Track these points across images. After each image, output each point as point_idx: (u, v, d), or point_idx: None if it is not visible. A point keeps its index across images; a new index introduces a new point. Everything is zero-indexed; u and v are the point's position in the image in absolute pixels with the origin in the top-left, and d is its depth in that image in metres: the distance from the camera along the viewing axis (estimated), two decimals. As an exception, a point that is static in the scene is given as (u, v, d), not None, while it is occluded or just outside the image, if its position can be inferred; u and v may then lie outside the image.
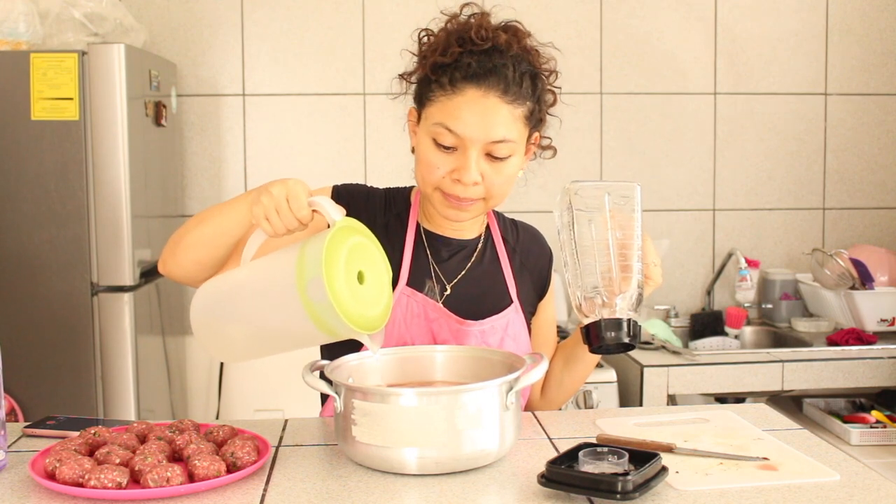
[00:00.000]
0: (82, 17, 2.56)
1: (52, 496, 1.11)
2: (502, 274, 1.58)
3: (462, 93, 1.42)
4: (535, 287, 1.62)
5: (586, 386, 2.54)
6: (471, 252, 1.57)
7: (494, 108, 1.41)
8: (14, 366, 2.21)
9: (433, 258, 1.55)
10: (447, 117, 1.42)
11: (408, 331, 1.49)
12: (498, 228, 1.62)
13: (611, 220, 1.32)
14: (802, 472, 1.19)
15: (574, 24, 3.16)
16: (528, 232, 1.67)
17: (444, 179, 1.44)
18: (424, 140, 1.46)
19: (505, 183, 1.47)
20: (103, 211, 2.40)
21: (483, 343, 1.50)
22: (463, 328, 1.50)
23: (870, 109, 3.28)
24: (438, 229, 1.57)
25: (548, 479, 1.09)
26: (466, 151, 1.41)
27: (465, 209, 1.46)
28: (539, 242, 1.67)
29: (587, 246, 1.33)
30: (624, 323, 1.32)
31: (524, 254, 1.62)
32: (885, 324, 2.90)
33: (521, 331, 1.56)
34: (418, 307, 1.50)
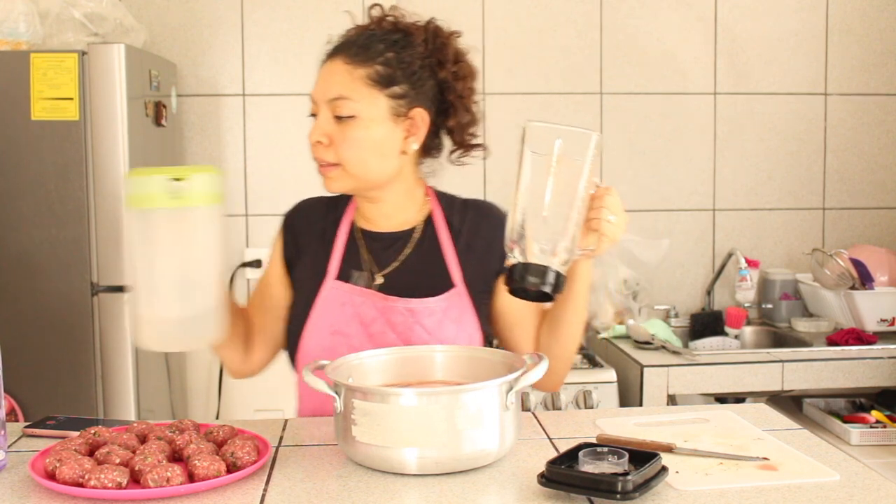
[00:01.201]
0: (82, 17, 2.56)
1: (52, 496, 1.11)
2: (443, 258, 1.57)
3: (322, 66, 1.56)
4: (489, 262, 1.58)
5: (586, 386, 2.54)
6: (405, 242, 1.59)
7: (336, 70, 1.53)
8: (14, 366, 2.21)
9: (365, 252, 1.58)
10: (314, 88, 1.54)
11: (333, 317, 1.52)
12: (442, 213, 1.62)
13: (556, 165, 1.29)
14: (802, 472, 1.19)
15: (574, 24, 3.16)
16: (479, 209, 1.64)
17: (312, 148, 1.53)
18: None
19: (358, 148, 1.50)
20: (103, 211, 2.40)
21: (417, 324, 1.50)
22: (388, 304, 1.51)
23: (870, 109, 3.28)
24: (373, 226, 1.60)
25: (548, 479, 1.09)
26: (319, 114, 1.52)
27: (327, 175, 1.52)
28: (491, 216, 1.62)
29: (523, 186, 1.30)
30: (550, 273, 1.27)
31: (471, 234, 1.59)
32: (885, 324, 2.90)
33: (466, 313, 1.53)
34: (345, 296, 1.53)
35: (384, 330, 1.50)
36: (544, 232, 1.29)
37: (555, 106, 3.17)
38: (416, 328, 1.50)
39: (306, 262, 1.60)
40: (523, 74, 3.15)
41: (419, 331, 1.50)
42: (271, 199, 3.12)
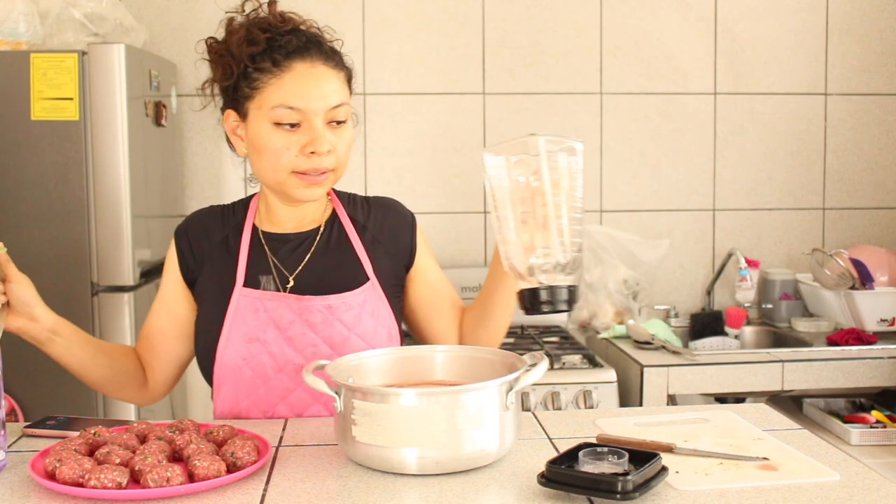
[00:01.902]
0: (82, 17, 2.56)
1: (52, 496, 1.11)
2: (353, 253, 1.58)
3: (290, 69, 1.46)
4: (397, 257, 1.61)
5: (586, 386, 2.54)
6: (312, 242, 1.58)
7: (325, 75, 1.48)
8: (14, 366, 2.21)
9: (272, 255, 1.57)
10: (284, 96, 1.45)
11: (247, 326, 1.51)
12: (345, 210, 1.62)
13: (514, 181, 1.25)
14: (802, 472, 1.19)
15: (574, 24, 3.16)
16: (382, 205, 1.65)
17: (297, 159, 1.46)
18: (264, 129, 1.47)
19: (348, 149, 1.52)
20: (103, 211, 2.40)
21: (336, 320, 1.50)
22: (304, 303, 1.50)
23: (870, 109, 3.28)
24: (276, 227, 1.59)
25: (548, 479, 1.09)
26: (312, 123, 1.45)
27: (320, 184, 1.49)
28: (395, 211, 1.65)
29: (501, 214, 1.26)
30: (560, 292, 1.23)
31: (377, 228, 1.61)
32: (885, 324, 2.90)
33: (382, 307, 1.55)
34: (256, 303, 1.52)
35: (303, 331, 1.50)
36: (536, 249, 1.24)
37: (555, 106, 3.17)
38: (336, 324, 1.50)
39: (209, 274, 1.58)
40: (523, 74, 3.16)
41: (339, 327, 1.50)
42: (271, 199, 3.12)
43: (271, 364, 1.50)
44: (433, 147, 3.16)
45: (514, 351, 1.51)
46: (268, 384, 1.51)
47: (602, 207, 3.20)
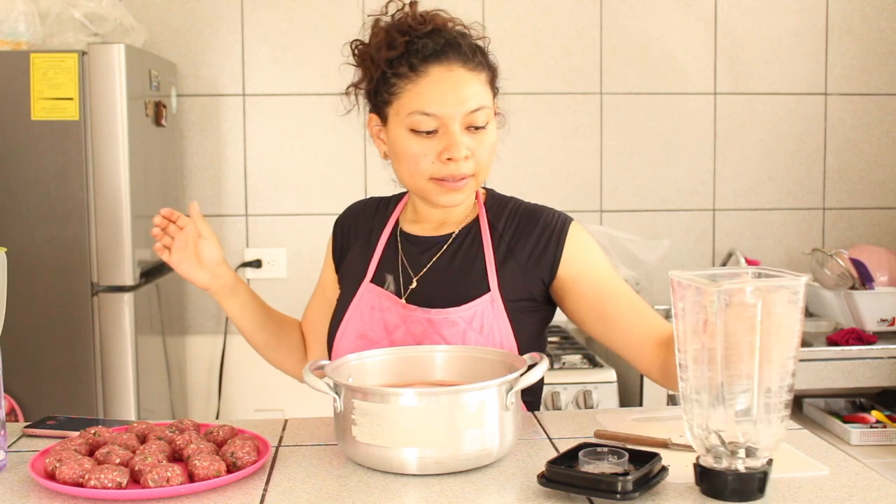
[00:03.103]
0: (82, 17, 2.56)
1: (52, 496, 1.11)
2: (481, 263, 1.50)
3: (426, 74, 1.43)
4: (534, 271, 1.50)
5: (586, 386, 2.54)
6: (441, 247, 1.55)
7: (463, 79, 1.44)
8: (14, 366, 2.21)
9: (404, 256, 1.56)
10: (421, 102, 1.43)
11: (363, 323, 1.52)
12: (486, 217, 1.55)
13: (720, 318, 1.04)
14: (792, 466, 1.19)
15: (574, 24, 3.16)
16: (530, 213, 1.55)
17: (434, 165, 1.44)
18: (402, 135, 1.46)
19: (490, 153, 1.49)
20: (103, 211, 2.40)
21: (436, 334, 1.47)
22: (408, 312, 1.49)
23: (870, 109, 3.28)
24: (417, 229, 1.58)
25: (548, 479, 1.09)
26: (449, 129, 1.43)
27: (460, 190, 1.46)
28: (542, 220, 1.53)
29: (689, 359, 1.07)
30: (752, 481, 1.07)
31: (514, 238, 1.51)
32: (885, 324, 2.90)
33: (498, 323, 1.46)
34: (375, 300, 1.52)
35: (405, 338, 1.48)
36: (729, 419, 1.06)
37: (555, 106, 3.17)
38: (436, 338, 1.46)
39: (348, 264, 1.62)
40: (523, 74, 3.15)
41: (439, 341, 1.46)
42: (271, 199, 3.12)
43: None
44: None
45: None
46: None
47: (602, 207, 3.20)
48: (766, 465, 1.07)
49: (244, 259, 3.12)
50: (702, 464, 1.09)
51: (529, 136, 3.16)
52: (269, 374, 3.13)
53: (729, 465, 1.07)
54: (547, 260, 1.50)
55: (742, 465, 1.06)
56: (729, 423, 1.06)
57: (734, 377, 1.05)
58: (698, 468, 1.10)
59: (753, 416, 1.05)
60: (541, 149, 3.17)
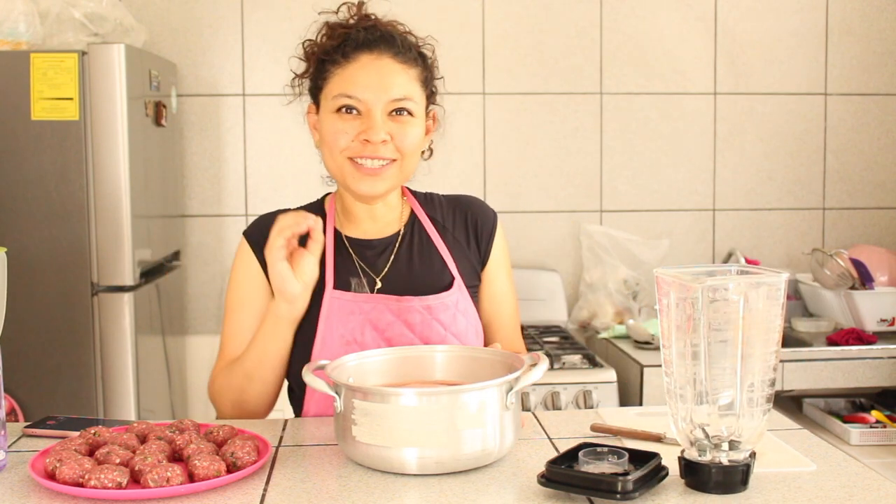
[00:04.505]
0: (82, 17, 2.56)
1: (52, 496, 1.11)
2: (438, 254, 1.58)
3: (356, 60, 1.49)
4: (474, 255, 1.60)
5: (586, 386, 2.54)
6: (396, 245, 1.58)
7: (389, 68, 1.49)
8: (14, 366, 2.21)
9: (359, 259, 1.56)
10: (345, 86, 1.48)
11: (343, 328, 1.49)
12: (424, 212, 1.62)
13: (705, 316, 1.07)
14: (780, 461, 1.20)
15: (574, 24, 3.16)
16: (462, 203, 1.65)
17: (353, 144, 1.48)
18: (328, 118, 1.50)
19: (413, 145, 1.51)
20: (103, 211, 2.40)
21: (434, 320, 1.50)
22: (404, 305, 1.50)
23: (870, 109, 3.28)
24: (358, 232, 1.59)
25: (548, 479, 1.09)
26: (371, 113, 1.47)
27: (378, 175, 1.48)
28: (474, 209, 1.63)
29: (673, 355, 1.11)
30: (735, 474, 1.09)
31: (456, 228, 1.61)
32: (885, 324, 2.90)
33: (470, 307, 1.56)
34: (350, 305, 1.51)
35: (402, 332, 1.49)
36: (712, 411, 1.09)
37: (555, 106, 3.17)
38: (434, 324, 1.50)
39: None
40: (523, 74, 3.15)
41: (436, 327, 1.50)
42: (271, 199, 3.12)
43: None
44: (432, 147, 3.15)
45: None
46: None
47: (602, 207, 3.20)
48: (749, 457, 1.09)
49: (244, 259, 3.11)
50: (686, 457, 1.11)
51: (529, 136, 3.16)
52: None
53: (713, 459, 1.09)
54: (482, 248, 1.60)
55: (725, 458, 1.08)
56: (713, 418, 1.08)
57: (718, 372, 1.07)
58: (683, 461, 1.11)
59: (736, 410, 1.08)
60: (541, 149, 3.17)
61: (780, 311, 1.08)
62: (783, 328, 1.11)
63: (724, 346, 1.07)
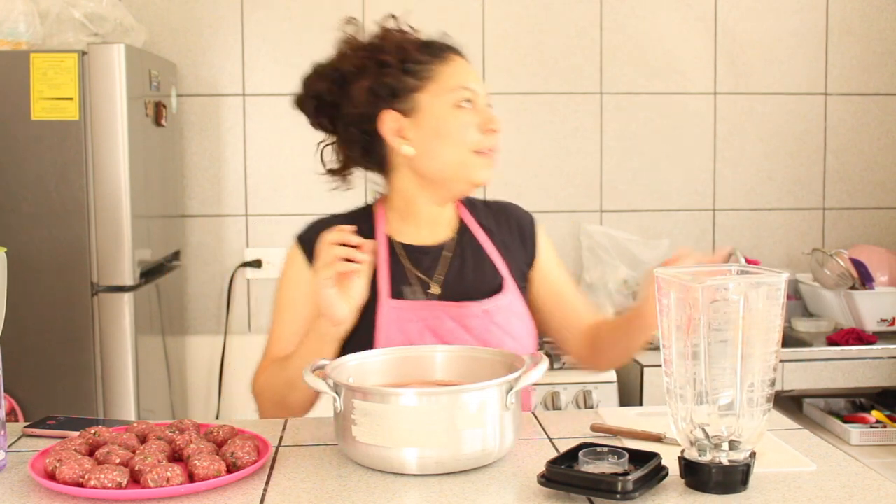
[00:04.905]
0: (82, 17, 2.56)
1: (52, 496, 1.11)
2: (489, 259, 1.60)
3: (451, 59, 1.55)
4: (521, 258, 1.64)
5: (586, 386, 2.54)
6: (449, 250, 1.59)
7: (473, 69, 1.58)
8: (14, 366, 2.20)
9: (413, 266, 1.57)
10: (460, 79, 1.52)
11: (402, 336, 1.50)
12: (472, 217, 1.64)
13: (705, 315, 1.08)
14: (780, 461, 1.20)
15: (574, 24, 3.16)
16: (502, 208, 1.69)
17: (478, 137, 1.51)
18: (446, 112, 1.51)
19: None
20: (103, 211, 2.40)
21: (492, 324, 1.51)
22: (463, 310, 1.51)
23: (870, 109, 3.28)
24: (412, 238, 1.59)
25: (548, 479, 1.09)
26: (482, 104, 1.53)
27: (493, 165, 1.54)
28: (516, 214, 1.69)
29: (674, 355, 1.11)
30: (735, 474, 1.08)
31: (503, 232, 1.64)
32: (885, 324, 2.90)
33: (523, 310, 1.59)
34: (408, 313, 1.51)
35: (462, 337, 1.50)
36: (712, 411, 1.09)
37: (555, 106, 3.17)
38: (492, 328, 1.51)
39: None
40: (523, 74, 3.15)
41: (495, 330, 1.51)
42: (271, 199, 3.12)
43: None
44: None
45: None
46: None
47: (602, 207, 3.20)
48: (749, 457, 1.09)
49: (244, 259, 3.11)
50: (686, 457, 1.11)
51: (529, 136, 3.16)
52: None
53: (713, 459, 1.09)
54: (529, 249, 1.65)
55: (725, 458, 1.08)
56: (713, 418, 1.08)
57: (718, 372, 1.08)
58: (683, 461, 1.11)
59: (736, 410, 1.08)
60: (541, 149, 3.17)
61: (780, 311, 1.08)
62: (783, 328, 1.11)
63: (724, 346, 1.07)
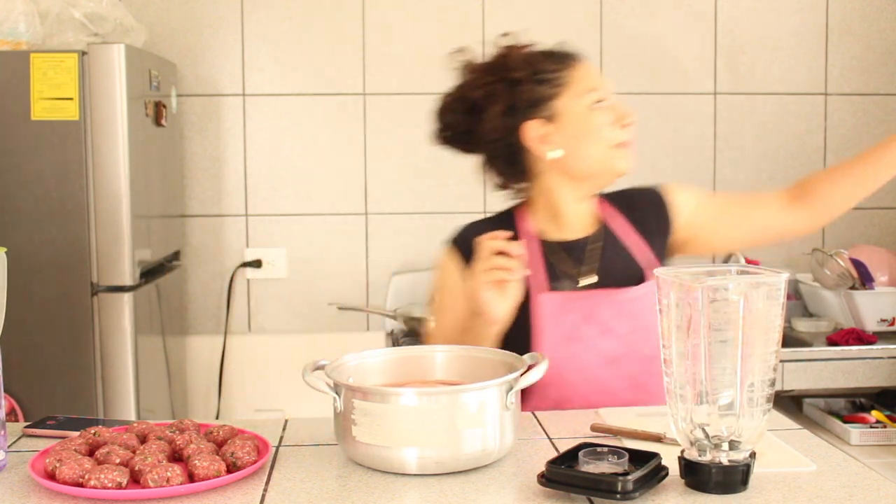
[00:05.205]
0: (82, 17, 2.56)
1: (52, 496, 1.11)
2: (632, 247, 1.67)
3: (577, 65, 1.64)
4: (662, 234, 1.69)
5: (586, 386, 2.54)
6: (596, 242, 1.66)
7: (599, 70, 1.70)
8: (14, 366, 2.20)
9: (563, 260, 1.64)
10: (590, 81, 1.62)
11: (564, 327, 1.57)
12: (610, 208, 1.71)
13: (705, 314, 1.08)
14: (780, 461, 1.20)
15: (574, 24, 3.16)
16: (628, 194, 1.74)
17: (617, 131, 1.61)
18: (584, 114, 1.60)
19: None
20: (103, 211, 2.40)
21: (647, 309, 1.54)
22: (621, 296, 1.58)
23: (870, 109, 3.28)
24: (560, 235, 1.67)
25: (548, 479, 1.09)
26: (610, 102, 1.62)
27: (628, 155, 1.62)
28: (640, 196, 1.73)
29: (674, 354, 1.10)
30: (735, 473, 1.09)
31: (637, 218, 1.70)
32: (885, 324, 2.90)
33: None
34: (566, 304, 1.58)
35: (621, 322, 1.57)
36: (713, 412, 1.09)
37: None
38: (648, 313, 1.56)
39: None
40: (523, 74, 3.15)
41: (649, 315, 1.54)
42: (271, 199, 3.12)
43: (596, 360, 1.56)
44: (433, 147, 3.15)
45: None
46: (593, 380, 1.56)
47: (602, 207, 3.20)
48: (749, 457, 1.09)
49: (244, 259, 3.12)
50: (686, 457, 1.11)
51: (529, 136, 3.16)
52: (269, 374, 3.14)
53: (713, 459, 1.09)
54: (663, 220, 1.70)
55: (725, 458, 1.08)
56: (713, 418, 1.08)
57: (718, 372, 1.08)
58: (683, 461, 1.11)
59: (736, 410, 1.08)
60: (541, 149, 3.17)
61: (780, 311, 1.09)
62: (783, 328, 1.11)
63: (724, 346, 1.07)
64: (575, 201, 1.67)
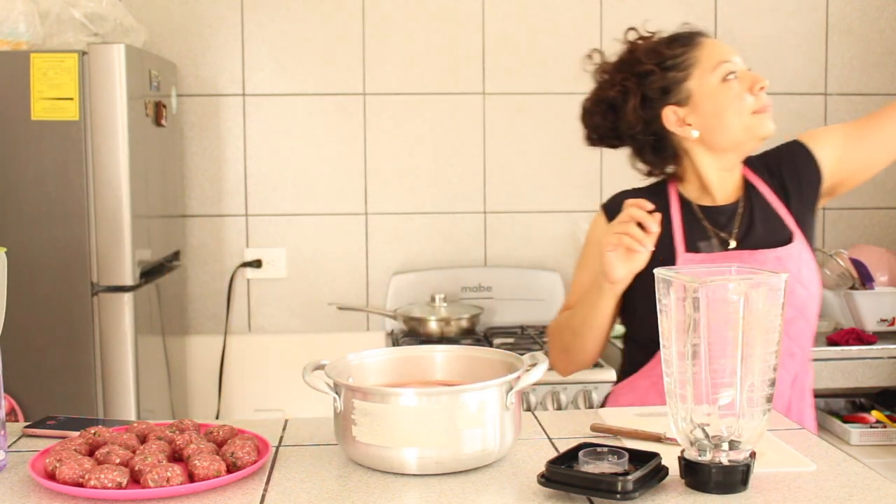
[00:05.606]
0: (82, 17, 2.56)
1: (52, 496, 1.11)
2: (776, 211, 1.71)
3: (702, 43, 1.72)
4: (808, 191, 1.72)
5: (586, 386, 2.54)
6: (742, 207, 1.71)
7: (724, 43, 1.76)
8: (14, 366, 2.20)
9: (710, 225, 1.70)
10: (718, 55, 1.69)
11: None
12: (754, 174, 1.75)
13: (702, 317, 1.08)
14: (780, 461, 1.20)
15: (574, 24, 3.16)
16: (769, 156, 1.78)
17: (752, 99, 1.66)
18: (717, 89, 1.67)
19: None
20: (103, 211, 2.40)
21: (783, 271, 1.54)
22: (758, 256, 1.62)
23: (870, 109, 3.25)
24: (709, 201, 1.72)
25: (548, 479, 1.09)
26: (743, 70, 1.69)
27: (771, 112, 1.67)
28: (783, 154, 1.77)
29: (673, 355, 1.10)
30: (735, 473, 1.09)
31: (781, 178, 1.73)
32: (885, 324, 2.90)
33: (811, 260, 1.68)
34: (705, 264, 1.62)
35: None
36: (712, 411, 1.09)
37: (554, 106, 3.17)
38: (794, 273, 1.60)
39: None
40: (523, 74, 3.15)
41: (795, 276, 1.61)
42: (271, 199, 3.12)
43: None
44: (433, 147, 3.16)
45: (514, 351, 1.52)
46: None
47: (602, 207, 3.20)
48: (749, 457, 1.10)
49: (244, 259, 3.12)
50: (686, 457, 1.11)
51: (529, 135, 3.16)
52: (269, 374, 3.14)
53: (713, 459, 1.09)
54: (810, 175, 1.73)
55: (725, 458, 1.09)
56: (713, 418, 1.09)
57: (718, 372, 1.08)
58: (683, 461, 1.11)
59: (736, 410, 1.08)
60: (541, 149, 3.17)
61: (780, 311, 1.09)
62: (782, 328, 1.11)
63: (724, 346, 1.07)
64: (722, 170, 1.72)
